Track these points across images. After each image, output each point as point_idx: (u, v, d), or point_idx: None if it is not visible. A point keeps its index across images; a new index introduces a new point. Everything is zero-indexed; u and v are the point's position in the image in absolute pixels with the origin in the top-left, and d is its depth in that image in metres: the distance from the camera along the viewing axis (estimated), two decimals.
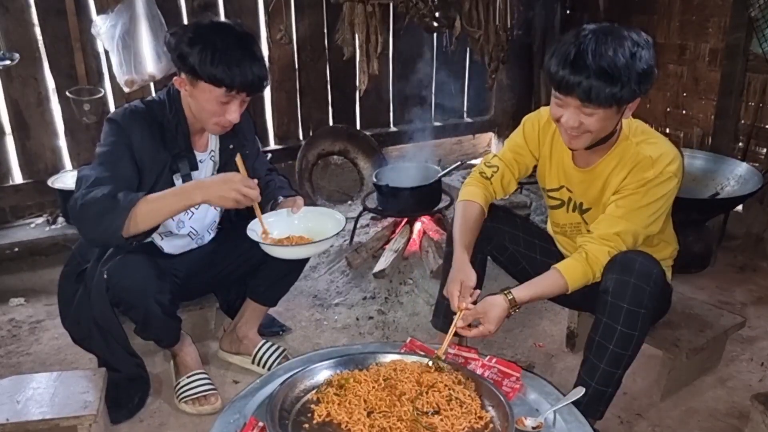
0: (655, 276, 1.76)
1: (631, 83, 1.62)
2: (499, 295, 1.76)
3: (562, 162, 1.99)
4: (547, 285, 1.81)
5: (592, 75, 1.60)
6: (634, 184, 1.80)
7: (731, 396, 2.25)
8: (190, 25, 1.93)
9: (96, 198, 1.77)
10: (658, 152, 1.79)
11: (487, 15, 3.61)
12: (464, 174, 3.90)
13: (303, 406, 1.54)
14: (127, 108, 1.98)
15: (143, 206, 1.79)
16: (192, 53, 1.83)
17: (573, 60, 1.62)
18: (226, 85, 1.85)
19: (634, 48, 1.62)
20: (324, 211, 2.18)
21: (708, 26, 3.54)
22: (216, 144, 2.16)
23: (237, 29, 1.93)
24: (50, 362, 2.46)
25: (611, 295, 1.76)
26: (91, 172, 1.86)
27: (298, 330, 2.69)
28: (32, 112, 3.20)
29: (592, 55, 1.60)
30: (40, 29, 3.12)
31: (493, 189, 2.07)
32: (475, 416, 1.48)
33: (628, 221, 1.79)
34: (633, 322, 1.75)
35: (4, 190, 3.24)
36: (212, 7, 3.44)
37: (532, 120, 2.06)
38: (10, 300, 2.90)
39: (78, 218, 1.83)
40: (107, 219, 1.77)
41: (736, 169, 3.09)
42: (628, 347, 1.78)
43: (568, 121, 1.71)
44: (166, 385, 2.28)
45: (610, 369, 1.80)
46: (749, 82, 3.35)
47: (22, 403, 1.84)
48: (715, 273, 3.13)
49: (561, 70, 1.64)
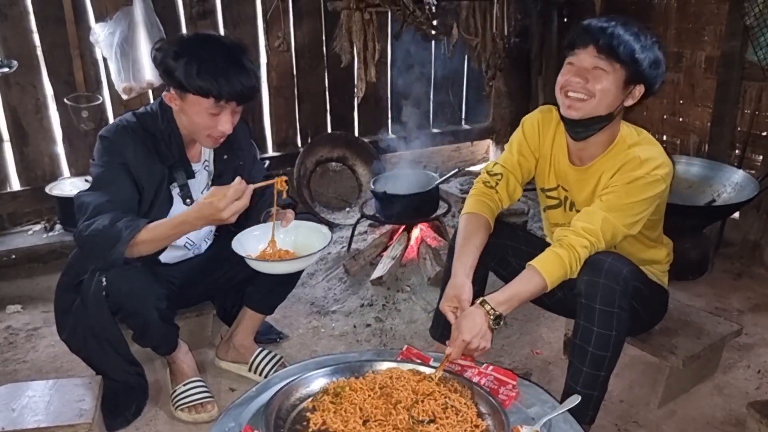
0: (625, 275, 1.75)
1: (643, 61, 1.71)
2: (474, 306, 1.73)
3: (559, 161, 2.00)
4: (523, 283, 1.75)
5: (611, 28, 1.70)
6: (621, 181, 1.80)
7: (728, 404, 2.25)
8: (175, 39, 1.93)
9: (98, 230, 1.80)
10: (647, 154, 1.81)
11: (484, 23, 3.62)
12: (462, 181, 3.91)
13: (299, 414, 1.53)
14: (118, 124, 1.98)
15: (144, 235, 1.82)
16: (177, 67, 1.84)
17: (601, 19, 1.74)
18: (214, 95, 1.85)
19: (650, 40, 1.74)
20: (311, 225, 2.13)
21: (704, 34, 3.56)
22: (210, 154, 2.16)
23: (223, 40, 1.94)
24: (46, 370, 2.46)
25: (584, 297, 1.78)
26: (89, 199, 1.87)
27: (296, 337, 2.69)
28: (30, 119, 3.20)
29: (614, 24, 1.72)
30: (39, 36, 3.13)
31: (499, 198, 2.03)
32: (471, 425, 1.47)
33: (609, 216, 1.78)
34: (607, 322, 1.76)
35: (2, 197, 3.24)
36: (211, 15, 3.46)
37: (531, 119, 2.06)
38: (6, 307, 2.90)
39: (82, 249, 1.91)
40: (109, 250, 1.80)
41: (732, 177, 3.10)
42: (607, 348, 1.78)
43: (579, 72, 1.75)
44: (163, 393, 2.28)
45: (592, 372, 1.81)
46: (745, 90, 3.36)
47: (18, 411, 1.83)
48: (712, 280, 3.13)
49: (582, 30, 1.75)
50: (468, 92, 4.52)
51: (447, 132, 4.53)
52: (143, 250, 1.85)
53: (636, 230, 1.84)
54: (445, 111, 4.45)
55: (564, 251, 1.75)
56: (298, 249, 2.05)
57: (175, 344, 2.19)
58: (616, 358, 1.82)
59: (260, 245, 2.03)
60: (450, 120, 4.53)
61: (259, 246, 2.03)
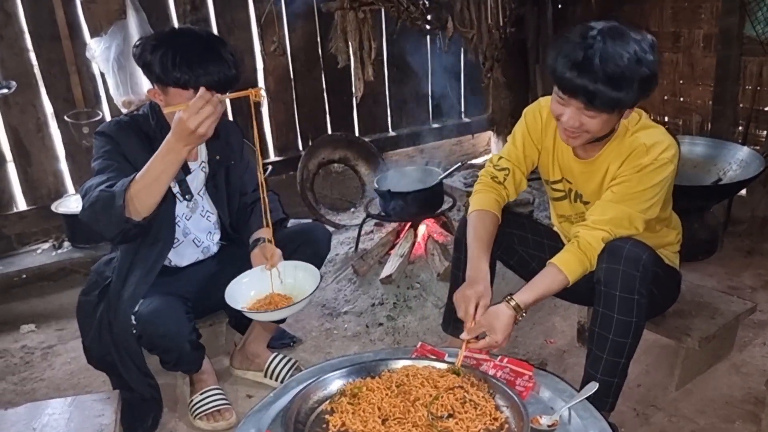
0: (644, 261, 1.75)
1: (635, 88, 1.63)
2: (502, 304, 1.75)
3: (563, 154, 1.99)
4: (548, 283, 1.80)
5: (598, 80, 1.60)
6: (630, 170, 1.80)
7: (746, 382, 2.24)
8: (152, 34, 1.94)
9: (95, 197, 1.80)
10: (652, 140, 1.80)
11: (478, 14, 3.61)
12: (465, 174, 3.91)
13: (318, 417, 1.54)
14: (113, 121, 2.04)
15: (137, 184, 1.77)
16: (154, 60, 1.85)
17: (581, 63, 1.62)
18: (192, 86, 1.86)
19: (641, 53, 1.63)
20: (299, 265, 2.12)
21: (701, 12, 3.54)
22: (206, 155, 2.18)
23: (198, 32, 1.96)
24: (64, 387, 2.47)
25: (603, 285, 1.77)
26: (91, 183, 1.89)
27: (309, 340, 2.69)
28: (32, 139, 3.21)
29: (599, 59, 1.60)
30: (35, 55, 3.14)
31: (506, 193, 2.05)
32: (490, 418, 1.47)
33: (622, 206, 1.79)
34: (628, 309, 1.76)
35: (9, 218, 3.25)
36: (204, 23, 3.46)
37: (533, 111, 2.04)
38: (20, 327, 2.91)
39: (88, 222, 1.85)
40: (109, 210, 1.77)
41: (737, 154, 3.08)
42: (628, 335, 1.78)
43: (569, 122, 1.72)
44: (182, 403, 2.29)
45: (613, 359, 1.80)
46: (745, 66, 3.35)
47: (39, 430, 1.83)
48: (723, 259, 3.12)
49: (568, 72, 1.64)
50: (466, 85, 4.51)
51: (447, 126, 4.51)
52: (144, 201, 1.79)
53: (654, 214, 1.84)
54: (445, 105, 4.44)
55: (581, 249, 1.78)
56: (288, 290, 2.07)
57: (201, 363, 2.20)
58: (636, 345, 1.82)
59: (252, 292, 2.07)
60: (449, 114, 4.52)
61: (251, 293, 2.07)
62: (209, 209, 2.24)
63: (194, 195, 2.16)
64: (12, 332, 2.88)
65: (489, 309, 1.75)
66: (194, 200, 2.17)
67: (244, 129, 2.51)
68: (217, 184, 2.22)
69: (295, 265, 2.11)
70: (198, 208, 2.20)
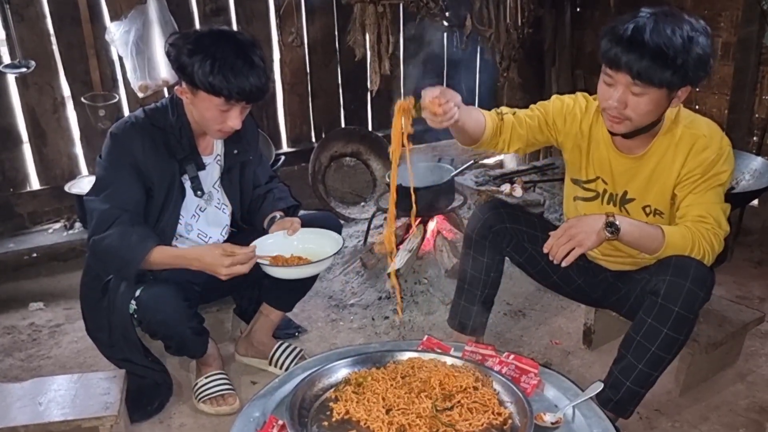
0: (709, 283, 1.73)
1: (685, 67, 1.60)
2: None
3: (600, 151, 1.93)
4: (648, 230, 1.73)
5: (647, 53, 1.58)
6: (700, 168, 1.76)
7: (751, 391, 2.24)
8: (190, 35, 1.94)
9: (109, 249, 1.92)
10: (706, 129, 1.79)
11: (497, 13, 3.61)
12: (477, 173, 3.89)
13: (322, 405, 1.55)
14: (127, 121, 2.02)
15: (150, 258, 1.92)
16: (191, 64, 1.86)
17: (630, 36, 1.60)
18: (224, 95, 1.88)
19: (692, 32, 1.60)
20: (321, 232, 2.17)
21: (720, 20, 3.51)
22: (222, 149, 2.19)
23: (237, 37, 1.96)
24: (70, 365, 2.49)
25: (662, 297, 1.71)
26: (94, 205, 1.95)
27: (314, 331, 2.70)
28: (48, 119, 3.23)
29: (649, 32, 1.58)
30: (55, 37, 3.15)
31: (501, 125, 1.94)
32: (494, 413, 1.48)
33: (713, 204, 1.77)
34: (681, 326, 1.72)
35: (22, 197, 3.28)
36: (224, 12, 3.47)
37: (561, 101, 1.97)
38: (29, 304, 2.93)
39: (96, 262, 2.05)
40: (121, 269, 1.96)
41: (751, 164, 3.07)
42: (671, 351, 1.76)
43: (617, 101, 1.68)
44: (186, 387, 2.30)
45: (648, 371, 1.78)
46: (763, 76, 3.32)
47: (45, 405, 1.86)
48: (732, 268, 3.10)
49: (614, 47, 1.62)
50: (481, 83, 4.50)
51: None
52: (150, 267, 1.97)
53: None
54: None
55: (691, 230, 1.73)
56: (310, 255, 2.09)
57: (206, 348, 2.20)
58: (671, 361, 1.80)
59: (275, 253, 2.08)
60: None
61: (273, 253, 2.08)
62: (224, 201, 2.24)
63: (208, 190, 2.17)
64: (20, 309, 2.90)
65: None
66: (209, 192, 2.18)
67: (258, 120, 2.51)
68: (231, 178, 2.23)
69: (316, 232, 2.16)
70: (213, 200, 2.20)
